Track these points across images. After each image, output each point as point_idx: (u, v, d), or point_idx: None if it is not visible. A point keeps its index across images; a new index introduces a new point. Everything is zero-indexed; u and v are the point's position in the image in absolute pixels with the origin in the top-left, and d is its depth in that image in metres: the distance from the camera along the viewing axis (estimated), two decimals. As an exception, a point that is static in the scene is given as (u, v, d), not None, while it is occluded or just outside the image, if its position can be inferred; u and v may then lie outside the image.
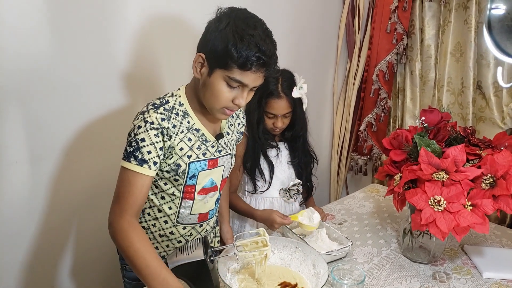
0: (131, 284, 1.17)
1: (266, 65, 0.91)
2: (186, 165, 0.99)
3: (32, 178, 1.24)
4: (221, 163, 1.08)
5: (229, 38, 0.87)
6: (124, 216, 0.90)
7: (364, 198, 1.61)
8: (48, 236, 1.33)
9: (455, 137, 1.09)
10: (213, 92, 0.93)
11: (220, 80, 0.91)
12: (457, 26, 1.84)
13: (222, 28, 0.88)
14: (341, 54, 2.20)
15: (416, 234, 1.14)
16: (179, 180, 1.01)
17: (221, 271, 0.90)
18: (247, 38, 0.87)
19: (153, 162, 0.93)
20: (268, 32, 0.93)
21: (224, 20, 0.89)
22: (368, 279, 1.07)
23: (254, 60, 0.88)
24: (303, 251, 1.02)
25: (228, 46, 0.86)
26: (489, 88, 1.80)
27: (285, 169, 1.50)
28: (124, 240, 0.88)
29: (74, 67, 1.24)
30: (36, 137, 1.22)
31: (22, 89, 1.15)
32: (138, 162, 0.91)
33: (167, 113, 0.96)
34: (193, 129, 1.00)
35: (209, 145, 1.04)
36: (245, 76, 0.90)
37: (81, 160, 1.32)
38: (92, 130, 1.32)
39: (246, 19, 0.91)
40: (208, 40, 0.91)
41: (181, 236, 1.10)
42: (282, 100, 1.36)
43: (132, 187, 0.92)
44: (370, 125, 2.23)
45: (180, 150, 0.97)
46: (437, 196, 0.95)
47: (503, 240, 1.30)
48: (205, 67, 0.93)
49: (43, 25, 1.15)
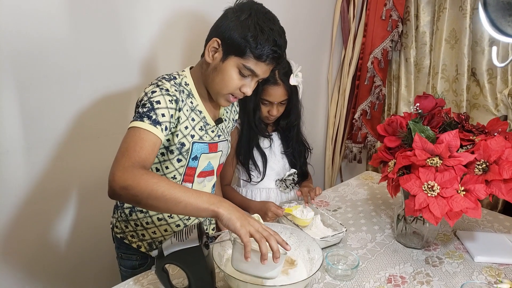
0: (127, 272, 1.17)
1: (279, 59, 0.97)
2: (190, 144, 1.01)
3: (25, 167, 1.23)
4: (220, 148, 1.11)
5: (250, 28, 0.92)
6: (135, 167, 0.80)
7: (358, 185, 1.62)
8: (43, 224, 1.32)
9: (449, 123, 1.09)
10: (224, 78, 0.97)
11: (233, 67, 0.96)
12: (452, 13, 1.83)
13: (244, 19, 0.93)
14: (336, 41, 2.19)
15: (409, 219, 1.15)
16: (182, 161, 1.02)
17: (216, 257, 0.91)
18: (267, 31, 0.92)
19: (165, 126, 0.92)
20: (283, 29, 0.98)
21: (246, 11, 0.94)
22: (362, 264, 1.08)
23: (270, 53, 0.93)
24: (297, 237, 1.03)
25: (248, 36, 0.91)
26: (483, 75, 1.80)
27: (279, 159, 1.50)
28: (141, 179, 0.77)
29: (68, 55, 1.22)
30: (29, 126, 1.21)
31: (15, 78, 1.14)
32: (152, 122, 0.89)
33: (177, 86, 0.99)
34: (197, 110, 1.03)
35: (209, 129, 1.06)
36: (259, 67, 0.96)
37: (75, 150, 1.31)
38: (85, 121, 1.31)
39: (266, 14, 0.96)
40: (226, 27, 0.94)
41: (180, 220, 1.12)
42: (279, 87, 1.35)
43: (144, 143, 0.85)
44: (364, 113, 2.23)
45: (185, 129, 1.00)
46: (430, 182, 0.95)
47: (494, 225, 1.31)
48: (218, 53, 0.96)
49: (40, 13, 1.13)
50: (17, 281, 1.31)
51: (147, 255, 1.15)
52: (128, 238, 1.14)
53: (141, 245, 1.14)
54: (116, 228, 1.16)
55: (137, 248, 1.14)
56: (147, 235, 1.13)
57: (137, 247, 1.14)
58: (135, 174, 0.78)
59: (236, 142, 1.43)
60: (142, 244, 1.14)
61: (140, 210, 1.11)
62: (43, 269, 1.36)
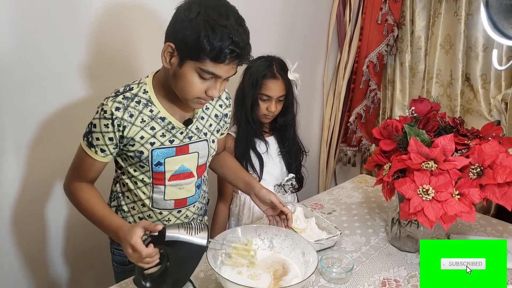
0: (118, 268, 1.17)
1: (240, 57, 0.87)
2: (148, 152, 0.98)
3: (17, 167, 1.21)
4: (194, 149, 1.05)
5: (200, 28, 0.82)
6: (73, 182, 1.01)
7: (353, 188, 1.62)
8: (37, 224, 1.31)
9: (444, 127, 1.10)
10: (185, 84, 0.90)
11: (191, 71, 0.88)
12: (447, 18, 1.85)
13: (193, 18, 0.83)
14: (332, 45, 2.20)
15: (404, 223, 1.15)
16: (144, 167, 1.01)
17: (210, 260, 0.90)
18: (219, 29, 0.83)
19: (100, 149, 0.96)
20: (241, 20, 0.89)
21: (194, 9, 0.84)
22: (357, 267, 1.08)
23: (227, 52, 0.84)
24: (292, 240, 1.03)
25: (200, 37, 0.82)
26: (477, 81, 1.81)
27: (276, 163, 1.49)
28: (74, 199, 1.01)
29: (58, 55, 1.21)
30: (20, 126, 1.20)
31: (4, 79, 1.12)
32: (88, 144, 0.97)
33: (125, 102, 0.94)
34: (158, 117, 0.98)
35: (177, 132, 1.01)
36: (218, 68, 0.87)
37: (67, 149, 1.29)
38: (76, 121, 1.29)
39: (217, 8, 0.86)
40: (177, 29, 0.86)
41: (159, 221, 1.10)
42: (278, 81, 1.35)
43: (82, 163, 1.00)
44: (359, 117, 2.24)
45: (141, 139, 0.97)
46: (425, 185, 0.96)
47: (487, 230, 1.32)
48: (175, 57, 0.89)
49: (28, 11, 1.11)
50: (15, 281, 1.30)
51: None
52: None
53: None
54: None
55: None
56: None
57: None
58: (70, 191, 1.02)
59: (234, 143, 1.42)
60: None
61: (123, 210, 1.10)
62: (40, 268, 1.35)
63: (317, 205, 1.46)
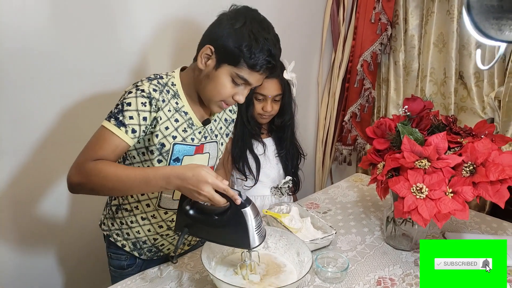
0: (116, 273, 1.17)
1: (272, 69, 0.97)
2: (170, 146, 1.00)
3: (12, 170, 1.21)
4: (207, 149, 1.09)
5: (244, 37, 0.90)
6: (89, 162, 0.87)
7: (348, 187, 1.63)
8: (34, 225, 1.31)
9: (437, 126, 1.10)
10: (216, 86, 0.96)
11: (226, 75, 0.95)
12: (440, 17, 1.85)
13: (238, 27, 0.91)
14: (326, 44, 2.20)
15: (398, 221, 1.15)
16: (162, 162, 1.01)
17: (204, 261, 0.90)
18: (261, 41, 0.91)
19: (131, 128, 0.92)
20: (277, 37, 0.97)
21: (240, 19, 0.92)
22: (352, 266, 1.08)
23: (264, 63, 0.93)
24: (287, 240, 1.03)
25: (242, 45, 0.90)
26: (471, 78, 1.82)
27: (274, 165, 1.49)
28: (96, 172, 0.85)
29: (56, 55, 1.21)
30: (16, 128, 1.19)
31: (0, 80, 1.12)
32: (117, 124, 0.91)
33: (160, 86, 0.97)
34: (182, 111, 1.01)
35: (195, 130, 1.04)
36: (252, 76, 0.95)
37: (64, 151, 1.29)
38: (73, 122, 1.29)
39: (261, 22, 0.95)
40: (220, 35, 0.93)
41: (163, 221, 1.10)
42: (272, 80, 1.34)
43: (105, 143, 0.90)
44: (354, 116, 2.24)
45: (165, 129, 0.98)
46: (419, 184, 0.96)
47: (482, 227, 1.33)
48: (211, 60, 0.95)
49: (27, 11, 1.11)
50: (11, 284, 1.30)
51: (135, 256, 1.14)
52: (113, 236, 1.13)
53: (126, 244, 1.13)
54: (103, 225, 1.16)
55: (121, 247, 1.13)
56: (132, 234, 1.12)
57: (122, 246, 1.13)
58: (86, 171, 0.86)
59: (231, 144, 1.41)
60: (126, 243, 1.13)
61: (125, 209, 1.09)
62: (36, 271, 1.35)
63: (313, 204, 1.46)
